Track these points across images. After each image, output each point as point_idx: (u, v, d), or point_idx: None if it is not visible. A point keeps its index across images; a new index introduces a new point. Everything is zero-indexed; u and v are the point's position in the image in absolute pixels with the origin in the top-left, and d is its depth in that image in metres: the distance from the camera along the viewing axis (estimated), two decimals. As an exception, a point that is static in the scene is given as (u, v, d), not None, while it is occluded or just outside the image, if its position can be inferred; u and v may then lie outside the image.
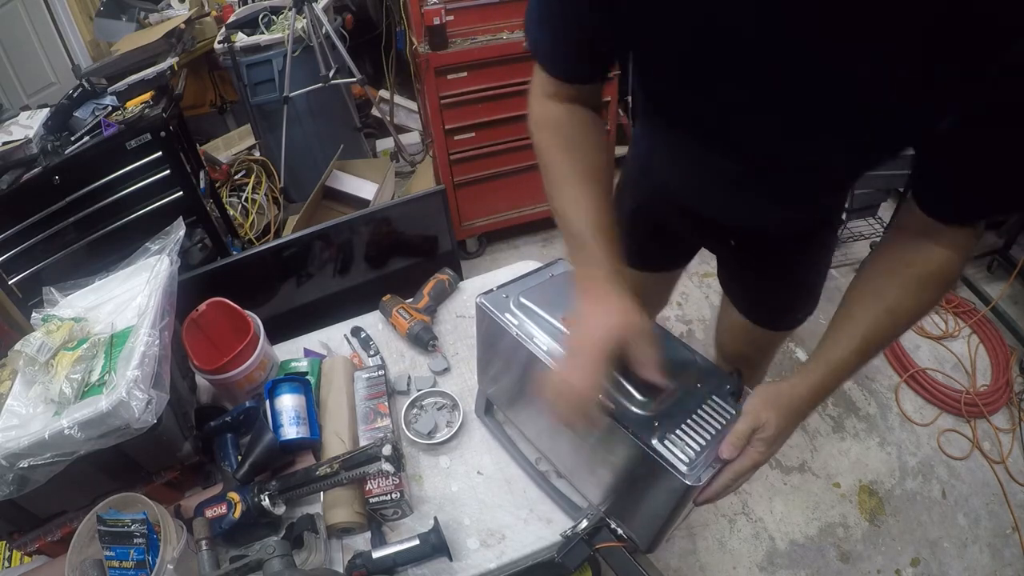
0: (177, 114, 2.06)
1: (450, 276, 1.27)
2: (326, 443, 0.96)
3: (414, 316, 1.17)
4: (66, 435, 0.73)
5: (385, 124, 2.94)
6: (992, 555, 1.60)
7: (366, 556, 0.81)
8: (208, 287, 1.12)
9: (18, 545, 0.86)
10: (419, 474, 0.98)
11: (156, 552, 0.77)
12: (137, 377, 0.77)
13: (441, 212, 1.65)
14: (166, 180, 1.94)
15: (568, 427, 0.65)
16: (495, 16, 2.13)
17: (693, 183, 0.88)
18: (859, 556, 1.60)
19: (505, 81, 2.16)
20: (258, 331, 1.06)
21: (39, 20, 2.80)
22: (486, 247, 2.73)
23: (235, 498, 0.84)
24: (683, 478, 0.62)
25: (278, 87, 2.58)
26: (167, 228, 1.06)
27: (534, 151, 0.75)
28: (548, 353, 0.74)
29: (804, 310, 1.08)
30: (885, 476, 1.78)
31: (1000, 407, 1.91)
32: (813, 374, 0.67)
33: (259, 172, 2.79)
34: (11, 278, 1.74)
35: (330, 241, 1.60)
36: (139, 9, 2.81)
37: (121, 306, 0.98)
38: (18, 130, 1.81)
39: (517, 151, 2.36)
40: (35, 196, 1.75)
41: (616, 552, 0.75)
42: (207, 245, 2.18)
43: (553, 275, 0.88)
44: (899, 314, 0.66)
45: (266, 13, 2.65)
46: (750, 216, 0.88)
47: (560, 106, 0.73)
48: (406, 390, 1.10)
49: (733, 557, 1.61)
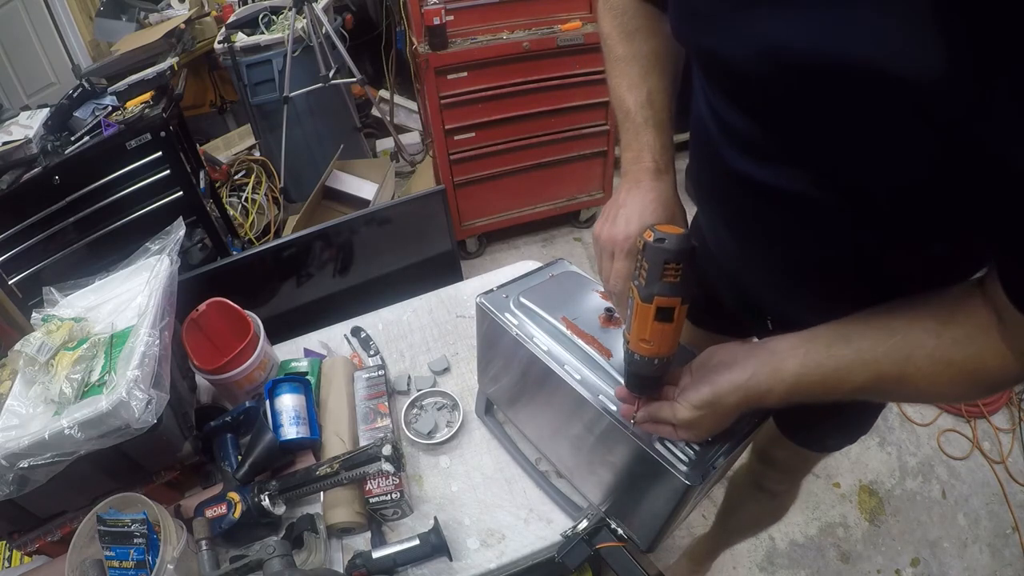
0: (177, 114, 2.06)
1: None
2: (326, 443, 0.96)
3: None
4: (66, 435, 0.73)
5: (385, 124, 2.94)
6: (992, 555, 1.60)
7: (366, 556, 0.81)
8: (208, 287, 1.12)
9: (18, 545, 0.86)
10: (419, 474, 0.97)
11: (156, 552, 0.77)
12: (137, 377, 0.77)
13: (441, 212, 1.65)
14: (166, 180, 1.94)
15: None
16: (495, 16, 2.14)
17: (721, 232, 0.75)
18: (859, 556, 1.60)
19: (505, 81, 2.16)
20: (258, 331, 1.06)
21: (39, 20, 2.80)
22: (486, 247, 2.73)
23: (235, 498, 0.84)
24: (683, 478, 0.62)
25: (278, 87, 2.58)
26: (167, 228, 1.06)
27: (599, 38, 0.75)
28: (548, 353, 0.74)
29: (837, 436, 0.92)
30: (885, 476, 1.78)
31: (1000, 407, 1.90)
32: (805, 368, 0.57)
33: (259, 172, 2.79)
34: (11, 278, 1.74)
35: (330, 241, 1.61)
36: (139, 9, 2.81)
37: (121, 306, 0.98)
38: (18, 130, 1.81)
39: (517, 151, 2.37)
40: (35, 196, 1.75)
41: (616, 552, 0.75)
42: (207, 245, 2.18)
43: (553, 275, 0.88)
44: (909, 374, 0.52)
45: (266, 13, 2.65)
46: (779, 274, 0.70)
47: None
48: (406, 390, 1.10)
49: (733, 557, 1.60)
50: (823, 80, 0.45)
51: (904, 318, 0.54)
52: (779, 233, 0.62)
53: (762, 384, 0.58)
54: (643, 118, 0.68)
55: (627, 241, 0.63)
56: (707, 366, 0.62)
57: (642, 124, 0.68)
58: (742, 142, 0.58)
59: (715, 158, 0.62)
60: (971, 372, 0.50)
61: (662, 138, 0.68)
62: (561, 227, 2.79)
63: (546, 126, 2.33)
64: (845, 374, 0.55)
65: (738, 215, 0.67)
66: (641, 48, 0.71)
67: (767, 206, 0.59)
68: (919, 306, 0.54)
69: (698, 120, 0.66)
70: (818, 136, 0.49)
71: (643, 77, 0.69)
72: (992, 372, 0.49)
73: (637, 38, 0.72)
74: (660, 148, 0.67)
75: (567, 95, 2.25)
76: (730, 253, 0.75)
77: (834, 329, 0.57)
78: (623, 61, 0.71)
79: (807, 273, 0.64)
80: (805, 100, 0.47)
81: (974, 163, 0.41)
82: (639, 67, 0.70)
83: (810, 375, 0.56)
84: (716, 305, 0.95)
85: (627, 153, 0.69)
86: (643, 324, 0.56)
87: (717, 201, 0.71)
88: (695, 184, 0.76)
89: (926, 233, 0.51)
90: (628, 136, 0.69)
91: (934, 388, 0.53)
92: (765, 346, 0.60)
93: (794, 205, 0.56)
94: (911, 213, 0.49)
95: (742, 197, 0.62)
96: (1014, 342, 0.47)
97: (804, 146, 0.51)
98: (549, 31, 2.14)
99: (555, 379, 0.73)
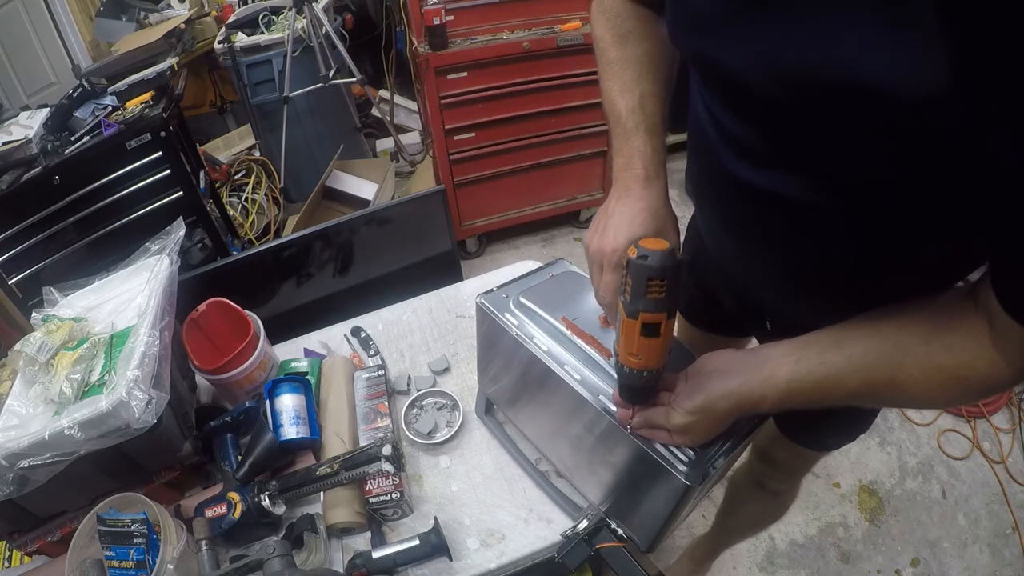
0: (177, 114, 2.06)
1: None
2: (326, 443, 0.96)
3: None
4: (66, 435, 0.73)
5: (385, 124, 2.94)
6: (992, 555, 1.60)
7: (366, 556, 0.81)
8: (208, 287, 1.12)
9: (18, 545, 0.86)
10: (419, 474, 0.97)
11: (156, 552, 0.77)
12: (137, 377, 0.77)
13: (441, 212, 1.65)
14: (166, 180, 1.94)
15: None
16: (495, 16, 2.13)
17: (720, 233, 0.75)
18: (859, 556, 1.60)
19: (505, 81, 2.16)
20: (258, 331, 1.06)
21: (39, 20, 2.80)
22: (486, 247, 2.73)
23: (235, 498, 0.84)
24: (683, 478, 0.62)
25: (278, 87, 2.58)
26: (167, 228, 1.06)
27: (592, 41, 0.75)
28: (548, 353, 0.74)
29: (836, 435, 0.93)
30: (885, 476, 1.78)
31: (1000, 407, 1.90)
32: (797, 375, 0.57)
33: (259, 172, 2.79)
34: (11, 278, 1.74)
35: (330, 241, 1.60)
36: (139, 9, 2.81)
37: (121, 306, 0.98)
38: (18, 130, 1.81)
39: (517, 151, 2.37)
40: (35, 196, 1.75)
41: (616, 552, 0.75)
42: (207, 245, 2.18)
43: (553, 275, 0.88)
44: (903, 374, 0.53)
45: (266, 13, 2.65)
46: (776, 271, 0.69)
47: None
48: (406, 390, 1.10)
49: (733, 557, 1.60)
50: (823, 91, 0.45)
51: (896, 324, 0.54)
52: (778, 236, 0.62)
53: (755, 391, 0.58)
54: (634, 123, 0.67)
55: (614, 254, 0.62)
56: (702, 372, 0.62)
57: (633, 129, 0.67)
58: (740, 147, 0.58)
59: (713, 161, 0.62)
60: (962, 378, 0.50)
61: (653, 142, 0.67)
62: (561, 227, 2.79)
63: (546, 126, 2.33)
64: (837, 381, 0.55)
65: (736, 217, 0.67)
66: (634, 51, 0.70)
67: (766, 209, 0.59)
68: (911, 312, 0.54)
69: (696, 123, 0.66)
70: (817, 144, 0.49)
71: (635, 81, 0.69)
72: (983, 378, 0.50)
73: (630, 41, 0.71)
74: (651, 153, 0.66)
75: (567, 95, 2.25)
76: (729, 254, 0.75)
77: (827, 336, 0.57)
78: (615, 64, 0.71)
79: (806, 275, 0.64)
80: (804, 110, 0.47)
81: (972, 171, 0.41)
82: (632, 71, 0.69)
83: (803, 382, 0.56)
84: (715, 306, 0.95)
85: (617, 159, 0.69)
86: (630, 339, 0.56)
87: (715, 203, 0.71)
88: (694, 186, 0.76)
89: (924, 237, 0.51)
90: (619, 141, 0.68)
91: (926, 394, 0.53)
92: (758, 353, 0.60)
93: (792, 209, 0.56)
94: (910, 218, 0.49)
95: (740, 200, 0.62)
96: (1005, 348, 0.47)
97: (802, 153, 0.52)
98: (549, 31, 2.14)
99: (555, 379, 0.73)
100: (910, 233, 0.51)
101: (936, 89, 0.38)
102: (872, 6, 0.40)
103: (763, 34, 0.47)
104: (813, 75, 0.44)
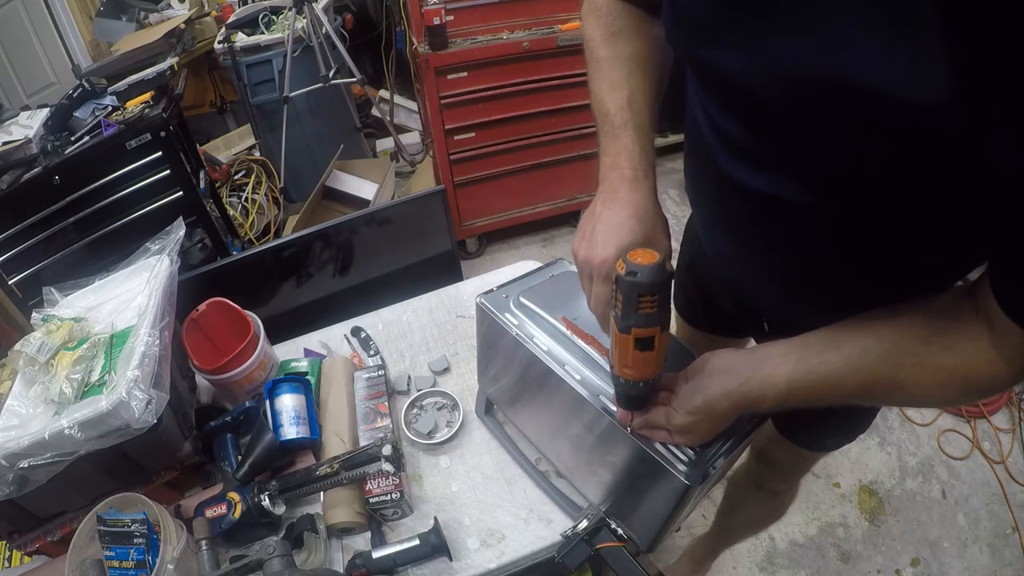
0: (177, 114, 2.06)
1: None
2: (326, 443, 0.96)
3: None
4: (66, 435, 0.73)
5: (385, 124, 2.94)
6: (992, 555, 1.60)
7: (366, 556, 0.81)
8: (208, 287, 1.12)
9: (18, 545, 0.86)
10: (419, 474, 0.97)
11: (156, 552, 0.77)
12: (137, 377, 0.77)
13: (441, 212, 1.65)
14: (166, 180, 1.94)
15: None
16: (495, 16, 2.14)
17: (718, 234, 0.75)
18: (859, 556, 1.60)
19: (505, 81, 2.16)
20: (258, 331, 1.06)
21: (39, 20, 2.80)
22: (486, 247, 2.73)
23: (235, 498, 0.84)
24: (683, 478, 0.62)
25: (278, 87, 2.58)
26: (167, 228, 1.06)
27: (583, 41, 0.73)
28: (548, 353, 0.74)
29: (836, 435, 0.92)
30: (885, 476, 1.78)
31: (1000, 407, 1.90)
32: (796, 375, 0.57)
33: (259, 172, 2.79)
34: (11, 278, 1.74)
35: (330, 241, 1.61)
36: (139, 9, 2.81)
37: (121, 306, 0.98)
38: (18, 130, 1.81)
39: (517, 151, 2.37)
40: (35, 196, 1.75)
41: (616, 552, 0.75)
42: (207, 245, 2.18)
43: (553, 275, 0.88)
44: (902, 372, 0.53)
45: (266, 13, 2.65)
46: (773, 272, 0.69)
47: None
48: (406, 390, 1.10)
49: (733, 557, 1.60)
50: (821, 93, 0.44)
51: (895, 325, 0.54)
52: (774, 237, 0.62)
53: (755, 390, 0.58)
54: (622, 120, 0.65)
55: (603, 265, 0.60)
56: (702, 372, 0.62)
57: (621, 126, 0.65)
58: (737, 149, 0.57)
59: (710, 163, 0.62)
60: (961, 378, 0.50)
61: (641, 141, 0.65)
62: (561, 227, 2.79)
63: (546, 126, 2.33)
64: (836, 380, 0.55)
65: (734, 219, 0.67)
66: (624, 49, 0.69)
67: (762, 211, 0.59)
68: (910, 313, 0.54)
69: (693, 123, 0.65)
70: (814, 146, 0.49)
71: (625, 79, 0.67)
72: (982, 378, 0.50)
73: (620, 39, 0.70)
74: (639, 152, 0.64)
75: (567, 95, 2.25)
76: (727, 255, 0.75)
77: (826, 336, 0.57)
78: (605, 62, 0.69)
79: (804, 276, 0.64)
80: (801, 112, 0.47)
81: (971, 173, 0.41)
82: (621, 69, 0.68)
83: (802, 381, 0.56)
84: (713, 307, 0.95)
85: (604, 158, 0.66)
86: (624, 353, 0.56)
87: (713, 204, 0.71)
88: (691, 187, 0.76)
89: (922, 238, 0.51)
90: (606, 139, 0.66)
91: (925, 394, 0.53)
92: (758, 353, 0.60)
93: (789, 210, 0.55)
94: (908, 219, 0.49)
95: (738, 201, 0.62)
96: (1004, 349, 0.47)
97: (799, 155, 0.51)
98: (549, 31, 2.14)
99: (555, 379, 0.73)
100: (908, 234, 0.51)
101: (936, 91, 0.38)
102: (871, 8, 0.40)
103: (760, 36, 0.47)
104: (811, 77, 0.44)
